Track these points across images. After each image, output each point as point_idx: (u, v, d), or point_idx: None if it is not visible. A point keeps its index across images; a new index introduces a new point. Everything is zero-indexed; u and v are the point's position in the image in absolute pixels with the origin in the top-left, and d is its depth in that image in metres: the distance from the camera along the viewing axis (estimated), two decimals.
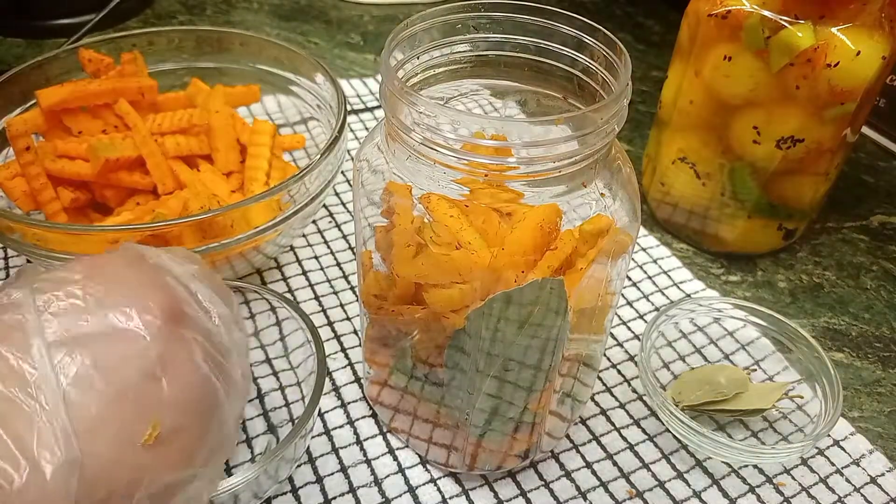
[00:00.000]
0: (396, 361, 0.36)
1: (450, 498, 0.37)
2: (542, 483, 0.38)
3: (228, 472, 0.38)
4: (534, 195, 0.29)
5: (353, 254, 0.51)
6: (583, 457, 0.40)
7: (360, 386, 0.43)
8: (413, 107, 0.27)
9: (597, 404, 0.43)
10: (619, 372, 0.45)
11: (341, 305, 0.48)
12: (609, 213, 0.30)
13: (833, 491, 0.39)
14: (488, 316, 0.29)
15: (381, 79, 0.29)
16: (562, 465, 0.39)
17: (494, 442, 0.36)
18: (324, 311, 0.47)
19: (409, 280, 0.32)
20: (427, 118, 0.27)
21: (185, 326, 0.28)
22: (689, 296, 0.50)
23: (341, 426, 0.40)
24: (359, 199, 0.33)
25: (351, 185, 0.57)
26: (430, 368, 0.34)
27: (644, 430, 0.41)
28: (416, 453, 0.39)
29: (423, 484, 0.38)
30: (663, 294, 0.50)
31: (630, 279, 0.51)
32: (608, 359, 0.45)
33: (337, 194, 0.56)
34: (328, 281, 0.49)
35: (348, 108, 0.54)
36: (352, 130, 0.63)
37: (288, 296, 0.48)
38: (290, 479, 0.38)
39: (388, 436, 0.40)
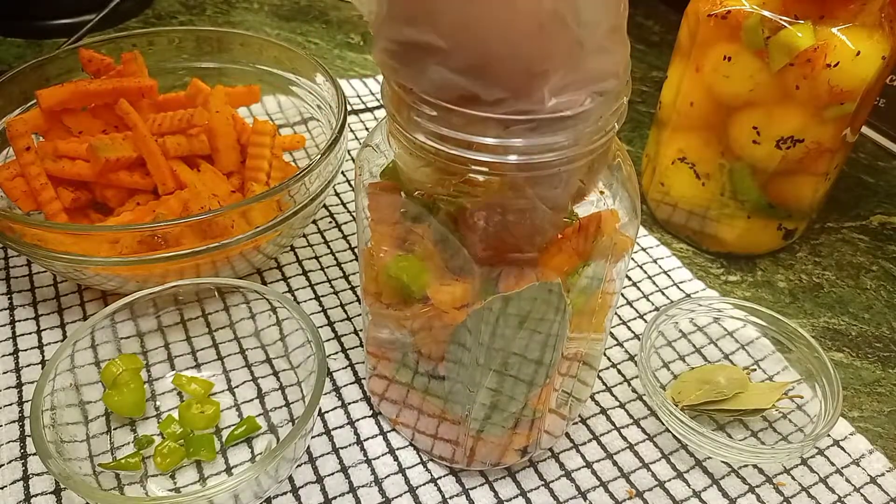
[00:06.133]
0: (398, 357, 0.36)
1: (450, 498, 0.37)
2: (542, 483, 0.38)
3: (228, 472, 0.38)
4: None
5: (354, 254, 0.51)
6: (583, 456, 0.40)
7: (361, 386, 0.43)
8: (414, 105, 0.27)
9: (597, 404, 0.43)
10: (619, 372, 0.45)
11: (342, 305, 0.48)
12: (610, 210, 0.30)
13: (833, 491, 0.39)
14: (488, 314, 0.29)
15: (383, 78, 0.29)
16: (562, 465, 0.39)
17: (494, 436, 0.36)
18: (324, 311, 0.47)
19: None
20: (428, 116, 0.27)
21: None
22: (688, 296, 0.50)
23: (341, 426, 0.40)
24: (360, 199, 0.33)
25: (351, 186, 0.57)
26: (432, 364, 0.34)
27: (644, 430, 0.41)
28: (415, 447, 0.39)
29: (424, 484, 0.38)
30: (663, 294, 0.50)
31: (630, 279, 0.51)
32: (608, 358, 0.45)
33: (337, 194, 0.56)
34: (328, 281, 0.49)
35: (348, 108, 0.54)
36: (352, 130, 0.63)
37: (288, 296, 0.48)
38: (291, 479, 0.38)
39: (389, 436, 0.40)
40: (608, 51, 0.26)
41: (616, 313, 0.48)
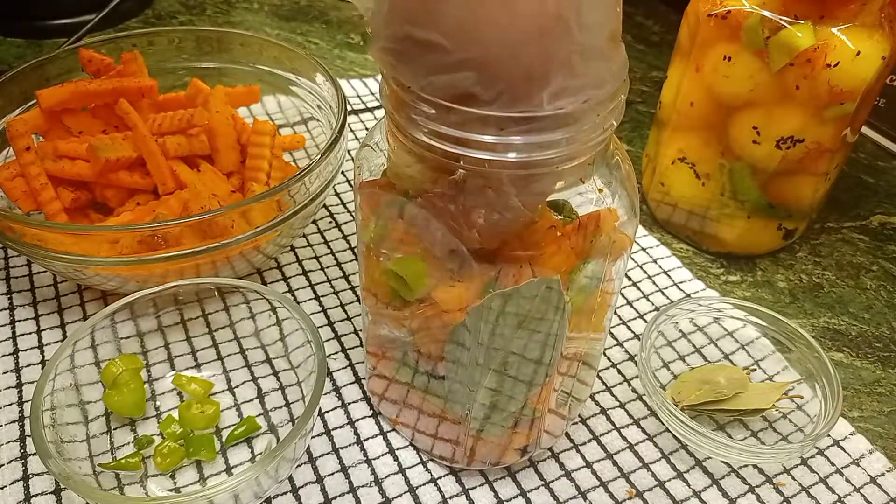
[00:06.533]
0: (398, 357, 0.36)
1: (450, 497, 0.37)
2: (542, 483, 0.38)
3: (228, 472, 0.38)
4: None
5: (354, 254, 0.51)
6: (583, 456, 0.40)
7: (361, 386, 0.43)
8: (413, 103, 0.27)
9: (597, 404, 0.43)
10: (619, 372, 0.45)
11: (342, 305, 0.48)
12: (608, 209, 0.30)
13: (833, 491, 0.39)
14: (487, 312, 0.29)
15: (382, 76, 0.29)
16: (562, 465, 0.39)
17: (494, 436, 0.36)
18: (324, 311, 0.47)
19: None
20: (426, 114, 0.27)
21: None
22: (688, 296, 0.50)
23: (341, 426, 0.40)
24: (359, 199, 0.33)
25: (351, 186, 0.57)
26: (431, 363, 0.34)
27: (644, 430, 0.41)
28: (415, 447, 0.39)
29: (424, 484, 0.38)
30: (663, 294, 0.50)
31: (630, 279, 0.51)
32: (608, 358, 0.45)
33: (337, 194, 0.56)
34: (328, 281, 0.49)
35: (348, 108, 0.54)
36: (352, 130, 0.63)
37: (288, 296, 0.48)
38: (291, 479, 0.38)
39: (389, 436, 0.40)
40: (607, 57, 0.26)
41: (616, 313, 0.48)
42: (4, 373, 0.42)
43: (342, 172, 0.50)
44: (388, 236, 0.32)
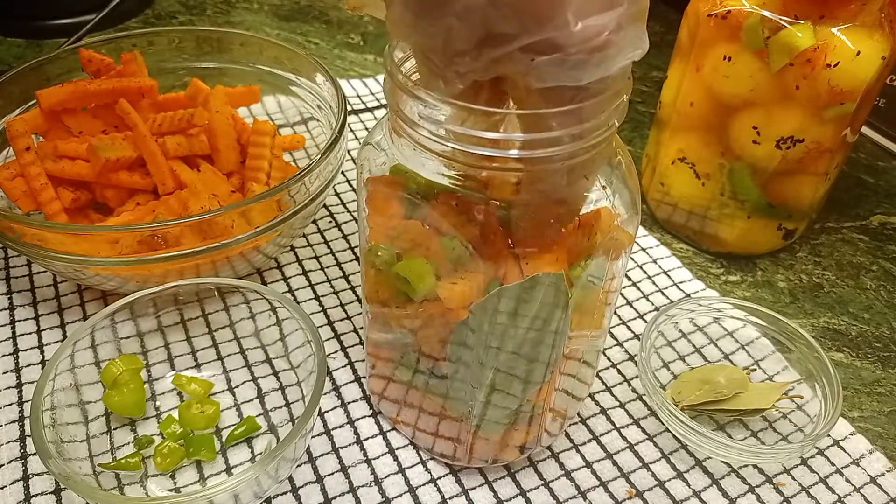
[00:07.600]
0: (398, 356, 0.36)
1: (450, 498, 0.37)
2: (542, 482, 0.38)
3: (228, 472, 0.38)
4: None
5: (354, 254, 0.51)
6: (582, 456, 0.40)
7: (361, 385, 0.43)
8: (417, 101, 0.27)
9: (597, 403, 0.43)
10: (619, 372, 0.45)
11: (341, 305, 0.48)
12: (609, 207, 0.30)
13: (833, 491, 0.39)
14: (490, 309, 0.29)
15: (385, 73, 0.29)
16: (561, 465, 0.39)
17: (494, 433, 0.36)
18: (324, 310, 0.47)
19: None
20: (431, 112, 0.27)
21: None
22: (688, 296, 0.50)
23: (341, 426, 0.40)
24: (361, 198, 0.33)
25: (351, 185, 0.57)
26: (432, 362, 0.34)
27: (644, 430, 0.41)
28: (415, 447, 0.39)
29: (424, 484, 0.38)
30: (663, 294, 0.50)
31: (630, 279, 0.51)
32: (608, 358, 0.45)
33: (337, 194, 0.56)
34: (328, 281, 0.49)
35: (348, 108, 0.54)
36: (352, 130, 0.63)
37: (288, 296, 0.48)
38: (291, 479, 0.38)
39: (389, 435, 0.40)
40: None
41: (616, 313, 0.48)
42: (4, 373, 0.42)
43: (342, 172, 0.51)
44: (391, 233, 0.32)
